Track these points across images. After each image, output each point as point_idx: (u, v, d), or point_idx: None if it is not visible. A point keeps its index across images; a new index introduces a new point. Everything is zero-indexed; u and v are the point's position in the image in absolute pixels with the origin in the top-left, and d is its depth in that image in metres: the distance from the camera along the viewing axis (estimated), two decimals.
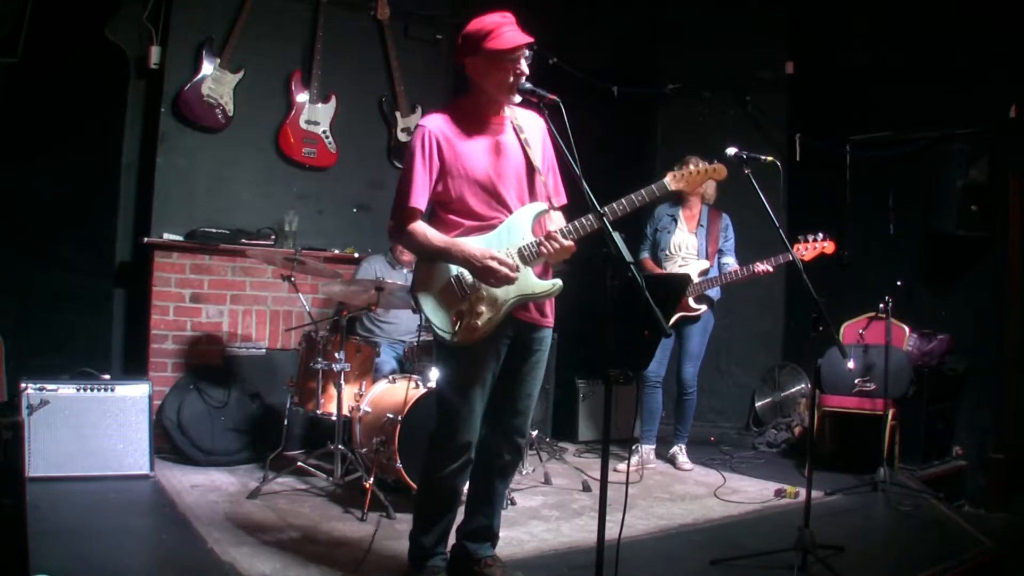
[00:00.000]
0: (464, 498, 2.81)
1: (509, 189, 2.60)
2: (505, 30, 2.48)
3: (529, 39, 2.49)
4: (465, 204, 2.57)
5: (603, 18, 6.38)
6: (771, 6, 6.39)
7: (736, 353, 6.41)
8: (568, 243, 2.53)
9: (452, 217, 2.59)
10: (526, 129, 2.67)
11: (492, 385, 2.64)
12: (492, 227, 2.58)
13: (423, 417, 3.48)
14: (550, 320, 2.73)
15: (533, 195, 2.66)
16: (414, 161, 2.54)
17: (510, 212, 2.60)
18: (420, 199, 2.54)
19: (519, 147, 2.64)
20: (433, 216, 2.64)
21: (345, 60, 5.37)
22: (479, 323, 2.52)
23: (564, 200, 2.76)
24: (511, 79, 2.50)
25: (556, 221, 2.68)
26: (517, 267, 2.51)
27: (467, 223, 2.58)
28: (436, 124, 2.58)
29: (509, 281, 2.50)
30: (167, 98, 4.81)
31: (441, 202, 2.61)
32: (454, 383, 2.62)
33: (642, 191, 2.56)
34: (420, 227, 2.56)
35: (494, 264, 2.47)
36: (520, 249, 2.55)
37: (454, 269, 2.56)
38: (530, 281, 2.57)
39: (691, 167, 2.71)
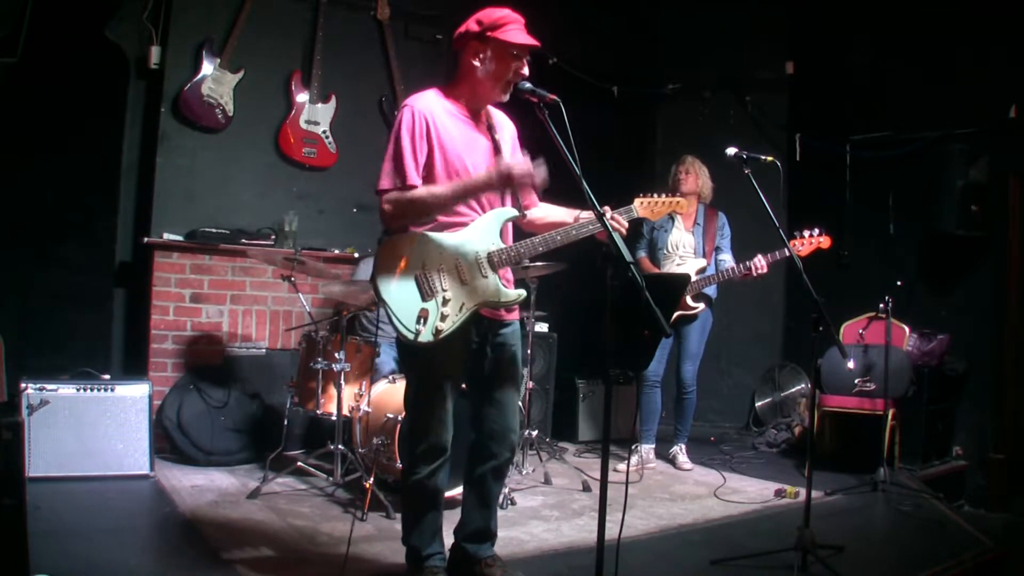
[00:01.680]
0: (460, 497, 2.82)
1: None
2: (517, 27, 2.51)
3: (536, 43, 2.50)
4: None
5: (603, 18, 6.38)
6: (771, 6, 6.40)
7: (736, 353, 6.42)
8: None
9: None
10: (499, 130, 2.68)
11: (472, 384, 2.66)
12: (463, 225, 2.56)
13: None
14: (515, 314, 2.73)
15: (504, 198, 2.66)
16: (402, 142, 2.49)
17: (480, 212, 2.58)
18: (415, 176, 2.48)
19: (492, 148, 2.63)
20: None
21: (345, 60, 5.37)
22: (443, 325, 2.46)
23: (536, 202, 2.76)
24: (509, 76, 2.51)
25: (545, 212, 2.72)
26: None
27: (439, 217, 2.53)
28: (424, 106, 2.54)
29: (530, 175, 2.43)
30: (167, 98, 4.81)
31: None
32: (422, 384, 2.61)
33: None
34: (420, 190, 2.48)
35: (515, 169, 2.42)
36: (490, 254, 2.54)
37: (419, 267, 2.48)
38: (497, 288, 2.54)
39: (657, 196, 2.76)
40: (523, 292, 2.60)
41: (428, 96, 2.58)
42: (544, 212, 2.77)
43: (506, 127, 2.73)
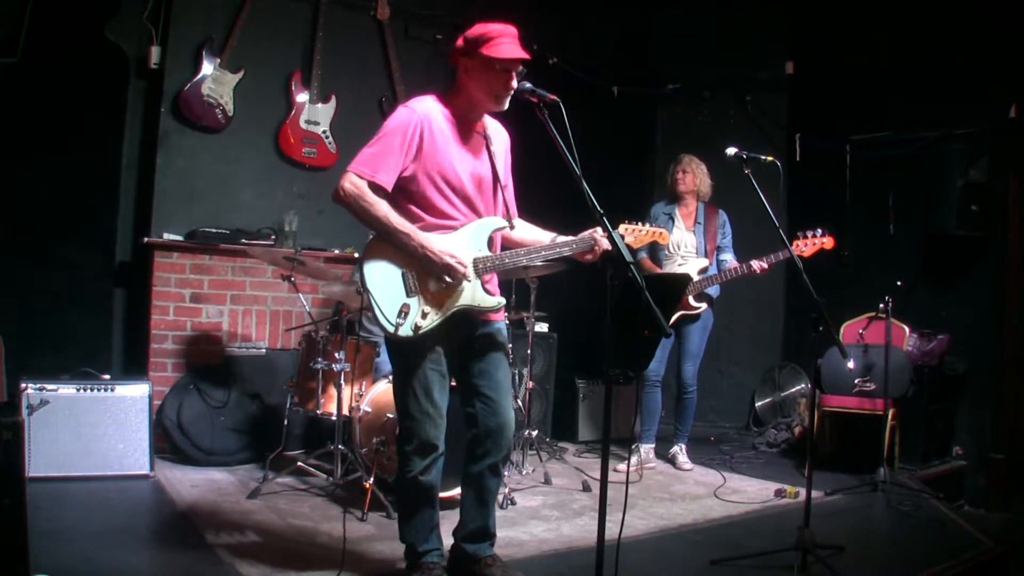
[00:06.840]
0: (457, 496, 2.84)
1: (475, 196, 2.64)
2: (505, 41, 2.50)
3: (525, 56, 2.51)
4: (428, 199, 2.58)
5: (603, 18, 6.38)
6: (771, 6, 6.40)
7: (736, 353, 6.42)
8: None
9: (412, 208, 2.59)
10: (494, 140, 2.71)
11: (462, 382, 2.70)
12: (452, 229, 2.60)
13: None
14: (500, 315, 2.76)
15: (495, 207, 2.71)
16: (394, 139, 2.53)
17: (471, 218, 2.63)
18: (387, 177, 2.52)
19: (488, 157, 2.68)
20: (391, 201, 2.58)
21: (345, 60, 5.37)
22: (422, 322, 2.54)
23: (516, 215, 2.82)
24: (499, 90, 2.53)
25: (524, 231, 2.78)
26: (467, 274, 2.55)
27: (428, 219, 2.58)
28: (424, 110, 2.58)
29: (457, 283, 2.53)
30: (167, 98, 4.81)
31: (404, 189, 2.59)
32: (408, 382, 2.63)
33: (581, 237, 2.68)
34: (382, 202, 2.52)
35: (453, 262, 2.50)
36: (476, 260, 2.58)
37: (405, 263, 2.55)
38: (477, 293, 2.60)
39: (641, 226, 2.88)
40: (502, 300, 2.67)
41: (428, 101, 2.62)
42: (524, 232, 2.81)
43: (500, 138, 2.77)
